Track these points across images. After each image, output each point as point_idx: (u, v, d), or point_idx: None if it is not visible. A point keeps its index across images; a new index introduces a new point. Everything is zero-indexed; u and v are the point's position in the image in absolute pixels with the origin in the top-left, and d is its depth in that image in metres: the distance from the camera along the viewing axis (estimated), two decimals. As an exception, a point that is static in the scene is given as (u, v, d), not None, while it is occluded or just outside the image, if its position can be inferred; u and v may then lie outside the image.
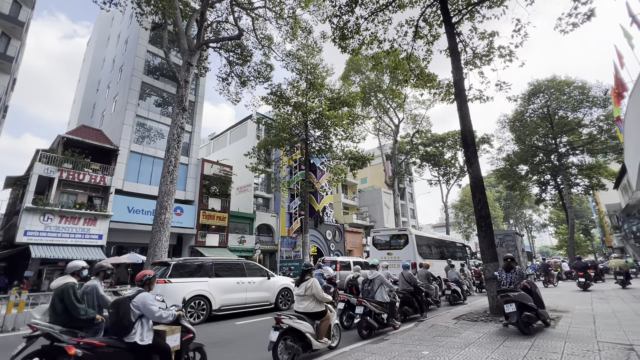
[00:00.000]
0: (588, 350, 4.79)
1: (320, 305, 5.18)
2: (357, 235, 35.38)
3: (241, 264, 10.02)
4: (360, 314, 6.34)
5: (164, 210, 11.36)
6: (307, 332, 4.81)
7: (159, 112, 22.36)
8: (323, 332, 5.09)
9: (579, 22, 9.15)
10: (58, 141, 18.68)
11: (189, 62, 13.43)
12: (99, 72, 31.61)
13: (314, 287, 5.13)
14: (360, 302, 6.45)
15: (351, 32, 12.52)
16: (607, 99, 25.78)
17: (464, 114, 9.52)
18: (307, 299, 5.13)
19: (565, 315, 7.81)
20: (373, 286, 6.92)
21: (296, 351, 4.68)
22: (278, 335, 4.51)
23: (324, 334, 5.12)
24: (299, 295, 5.22)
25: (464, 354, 4.82)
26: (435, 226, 74.79)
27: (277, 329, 4.57)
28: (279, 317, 4.63)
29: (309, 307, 5.08)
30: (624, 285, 14.12)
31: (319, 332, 5.02)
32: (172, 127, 12.46)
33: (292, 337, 4.71)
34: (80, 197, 18.06)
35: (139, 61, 21.69)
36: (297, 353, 4.70)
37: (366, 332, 6.35)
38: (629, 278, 14.50)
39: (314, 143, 21.67)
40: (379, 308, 6.65)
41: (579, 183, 31.42)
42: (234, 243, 23.99)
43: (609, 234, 45.64)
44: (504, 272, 6.84)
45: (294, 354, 4.67)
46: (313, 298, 5.13)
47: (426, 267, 10.33)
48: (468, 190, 50.15)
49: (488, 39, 11.57)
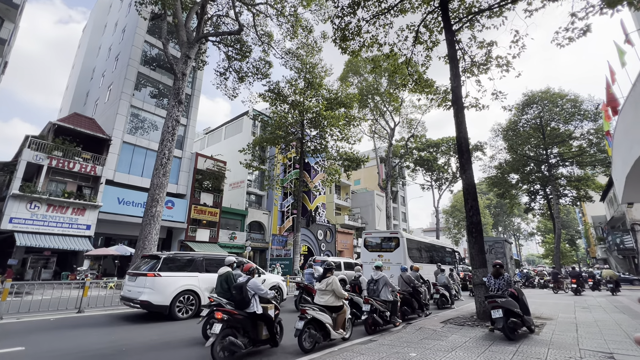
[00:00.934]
0: (570, 357, 4.90)
1: (339, 300, 5.82)
2: (348, 236, 35.50)
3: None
4: (367, 311, 6.78)
5: (155, 203, 11.24)
6: (327, 322, 5.46)
7: (154, 104, 22.09)
8: (340, 323, 5.78)
9: (575, 37, 9.35)
10: (49, 128, 18.31)
11: (187, 55, 13.31)
12: (94, 59, 31.06)
13: (334, 283, 5.75)
14: (368, 300, 6.90)
15: (352, 34, 12.55)
16: (598, 113, 26.38)
17: (460, 120, 9.64)
18: (327, 293, 5.75)
19: (549, 323, 7.97)
20: (378, 286, 7.37)
21: (317, 339, 5.34)
22: (303, 325, 5.14)
23: (340, 326, 5.80)
24: (321, 290, 5.84)
25: (450, 357, 4.89)
26: (425, 230, 75.48)
27: (302, 318, 5.20)
28: (304, 309, 5.33)
29: (329, 301, 5.70)
30: (614, 292, 16.02)
31: (336, 323, 5.69)
32: (167, 119, 12.33)
33: (314, 326, 5.37)
34: (69, 186, 17.74)
35: (135, 51, 21.39)
36: (318, 341, 5.36)
37: (372, 328, 6.81)
38: (619, 286, 16.50)
39: (309, 142, 21.68)
40: (383, 306, 7.10)
41: (567, 194, 32.09)
42: (225, 239, 23.84)
43: (593, 245, 46.71)
44: (493, 278, 6.95)
45: (315, 341, 5.33)
46: (333, 293, 5.74)
47: (416, 270, 10.46)
48: (459, 196, 50.81)
49: (486, 48, 11.73)
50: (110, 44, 26.81)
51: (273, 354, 5.23)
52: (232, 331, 4.79)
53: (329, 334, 5.49)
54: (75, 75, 34.14)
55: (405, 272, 9.32)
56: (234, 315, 4.86)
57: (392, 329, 7.28)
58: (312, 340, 5.30)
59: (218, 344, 4.56)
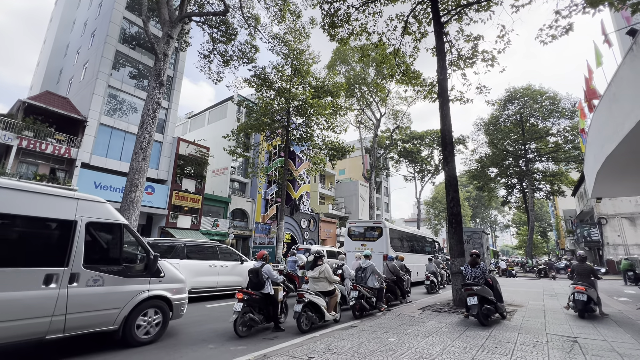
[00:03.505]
0: (538, 341, 5.20)
1: (331, 285, 6.45)
2: (331, 225, 35.82)
3: (214, 247, 9.87)
4: (355, 297, 7.19)
5: (135, 188, 10.89)
6: (322, 305, 6.08)
7: (133, 85, 21.14)
8: (332, 306, 6.41)
9: (557, 35, 9.54)
10: (18, 106, 17.25)
11: (169, 34, 12.73)
12: (67, 35, 29.23)
13: (326, 271, 6.37)
14: (356, 287, 7.32)
15: (341, 21, 12.35)
16: (574, 111, 27.41)
17: (445, 113, 9.76)
18: (320, 280, 6.35)
19: (520, 310, 8.41)
20: (366, 274, 7.80)
21: (314, 320, 5.95)
22: (301, 307, 5.71)
23: (332, 308, 6.44)
24: (314, 277, 6.37)
25: (427, 342, 5.08)
26: (407, 221, 77.19)
27: (300, 302, 5.75)
28: (301, 293, 5.89)
29: (323, 287, 6.32)
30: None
31: (329, 306, 6.32)
32: (148, 101, 11.84)
33: (311, 309, 5.95)
34: (41, 169, 16.89)
35: (113, 27, 20.27)
36: (314, 322, 5.97)
37: (359, 313, 7.29)
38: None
39: (295, 130, 21.45)
40: (370, 293, 7.59)
41: (542, 188, 33.52)
42: (207, 226, 23.54)
43: (563, 237, 49.27)
44: (470, 267, 7.21)
45: (311, 322, 5.92)
46: (325, 279, 6.34)
47: (401, 259, 11.03)
48: (440, 188, 52.08)
49: (473, 42, 11.83)
50: (85, 18, 25.26)
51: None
52: (250, 309, 5.56)
53: (324, 315, 6.11)
54: (47, 50, 32.09)
55: (391, 261, 9.75)
56: (252, 296, 5.62)
57: (377, 313, 7.74)
58: (309, 321, 5.88)
59: (239, 319, 5.36)
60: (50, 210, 4.08)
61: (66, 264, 4.04)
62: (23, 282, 3.71)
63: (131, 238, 4.96)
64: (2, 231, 3.81)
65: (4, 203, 3.74)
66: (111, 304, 4.43)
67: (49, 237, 4.15)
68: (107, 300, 4.38)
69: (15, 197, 3.84)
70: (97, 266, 4.34)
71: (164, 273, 5.19)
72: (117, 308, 4.49)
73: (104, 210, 4.66)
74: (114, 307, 4.46)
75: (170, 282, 5.29)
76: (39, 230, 4.10)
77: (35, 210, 3.96)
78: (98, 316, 4.30)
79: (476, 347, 4.83)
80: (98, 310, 4.29)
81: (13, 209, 3.79)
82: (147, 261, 4.98)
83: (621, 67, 6.56)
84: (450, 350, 4.63)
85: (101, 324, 4.36)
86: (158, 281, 5.07)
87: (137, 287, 4.77)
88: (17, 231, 3.93)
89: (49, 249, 4.08)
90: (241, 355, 4.45)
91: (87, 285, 4.21)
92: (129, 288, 4.65)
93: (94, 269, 4.30)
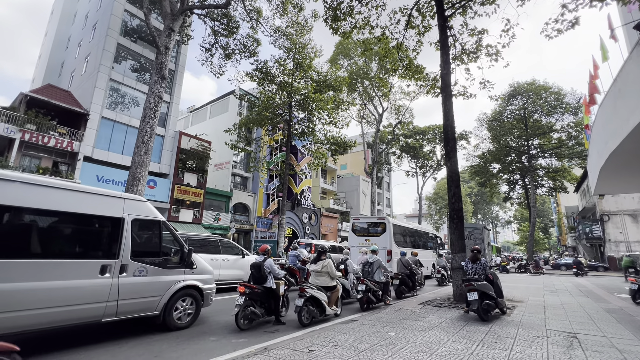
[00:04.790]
0: (537, 337, 5.22)
1: (333, 281, 6.53)
2: (332, 220, 35.89)
3: (216, 241, 9.93)
4: (363, 290, 7.42)
5: (137, 182, 10.92)
6: (323, 300, 6.14)
7: (135, 78, 21.08)
8: (333, 301, 6.47)
9: (563, 29, 9.41)
10: (20, 99, 17.25)
11: (170, 27, 12.64)
12: (69, 27, 29.10)
13: (329, 266, 6.45)
14: (363, 281, 7.56)
15: (344, 14, 12.21)
16: (578, 106, 27.14)
17: (448, 108, 9.69)
18: (323, 274, 6.44)
19: (520, 305, 8.43)
20: (373, 268, 8.10)
21: (315, 314, 6.04)
22: (303, 302, 5.76)
23: (333, 303, 6.50)
24: (316, 271, 6.48)
25: (427, 336, 5.11)
26: (408, 216, 77.26)
27: (302, 296, 5.81)
28: (303, 287, 5.90)
29: (325, 282, 6.40)
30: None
31: (330, 300, 6.38)
32: (149, 95, 11.82)
33: (312, 303, 6.01)
34: (44, 162, 16.96)
35: (115, 20, 20.15)
36: (315, 316, 6.06)
37: (366, 305, 7.56)
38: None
39: (297, 125, 21.39)
40: (376, 286, 7.90)
41: (544, 184, 33.33)
42: (209, 220, 23.64)
43: (564, 234, 49.18)
44: (470, 262, 7.22)
45: (312, 316, 6.00)
46: (327, 274, 6.43)
47: (414, 255, 11.74)
48: (442, 183, 51.93)
49: (477, 36, 11.69)
50: (86, 11, 25.11)
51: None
52: (251, 302, 5.67)
53: (325, 310, 6.17)
54: (48, 43, 31.98)
55: (404, 256, 10.40)
56: (253, 290, 5.71)
57: (383, 306, 8.05)
58: (310, 315, 5.97)
59: (241, 312, 5.46)
60: (103, 209, 4.63)
61: (117, 256, 4.61)
62: (84, 271, 4.27)
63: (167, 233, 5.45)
64: (68, 227, 4.41)
65: (68, 203, 4.26)
66: (154, 292, 4.99)
67: (103, 232, 4.69)
68: (150, 288, 4.95)
69: (76, 197, 4.38)
70: (141, 258, 4.89)
71: (196, 265, 5.70)
72: (158, 296, 5.04)
73: (145, 208, 5.17)
74: (156, 294, 5.02)
75: (201, 273, 5.80)
76: (95, 227, 4.65)
77: (92, 209, 4.51)
78: (144, 302, 4.86)
79: (476, 341, 4.86)
80: (143, 297, 4.86)
81: (76, 208, 4.34)
82: (182, 254, 5.50)
83: (627, 62, 6.47)
84: (450, 345, 4.65)
85: (146, 309, 4.93)
86: (191, 272, 5.59)
87: (174, 277, 5.31)
88: (79, 228, 4.49)
89: (103, 243, 4.63)
90: (242, 348, 4.49)
91: (134, 275, 4.76)
92: (167, 278, 5.20)
93: (139, 260, 4.85)
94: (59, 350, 4.22)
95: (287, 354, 4.13)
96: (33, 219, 4.08)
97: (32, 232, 4.06)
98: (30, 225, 4.07)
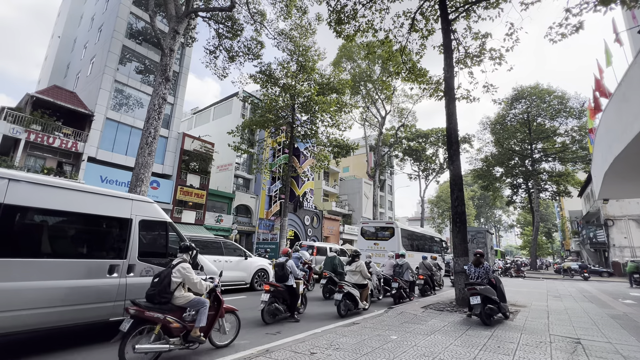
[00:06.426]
0: (541, 342, 5.18)
1: (364, 280, 7.60)
2: (334, 222, 35.83)
3: (219, 242, 9.96)
4: (396, 287, 9.16)
5: (140, 183, 10.98)
6: (357, 295, 7.20)
7: (139, 80, 21.25)
8: (364, 297, 7.58)
9: (567, 33, 9.40)
10: (26, 100, 17.43)
11: (175, 30, 12.75)
12: (75, 29, 29.41)
13: (362, 266, 7.57)
14: (396, 279, 9.26)
15: (348, 17, 12.27)
16: (582, 110, 27.02)
17: (451, 112, 9.69)
18: (356, 274, 7.55)
19: (523, 310, 8.37)
20: (402, 269, 9.70)
21: (350, 307, 7.09)
22: (341, 296, 6.87)
23: (364, 299, 7.61)
24: (351, 270, 7.61)
25: (429, 340, 5.09)
26: (410, 219, 76.98)
27: (340, 292, 6.93)
28: (341, 285, 7.05)
29: (358, 280, 7.50)
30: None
31: (361, 297, 7.46)
32: (154, 96, 11.90)
33: (348, 298, 7.05)
34: (49, 162, 17.10)
35: (120, 22, 20.35)
36: (350, 309, 7.11)
37: (398, 300, 9.17)
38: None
39: (299, 127, 21.44)
40: (406, 285, 9.51)
41: (548, 188, 33.15)
42: (211, 221, 23.69)
43: (568, 238, 48.80)
44: (473, 266, 7.18)
45: (348, 309, 7.04)
46: (360, 274, 7.51)
47: (434, 259, 12.97)
48: (445, 187, 51.77)
49: (481, 39, 11.70)
50: (93, 13, 25.38)
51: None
52: (275, 299, 6.28)
53: (357, 304, 7.20)
54: (54, 45, 32.31)
55: (425, 259, 11.68)
56: (277, 288, 6.33)
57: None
58: (346, 308, 6.96)
59: (267, 308, 6.09)
60: (112, 210, 4.67)
61: (125, 257, 4.67)
62: (94, 271, 4.32)
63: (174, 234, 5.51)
64: (78, 228, 4.47)
65: (78, 203, 4.30)
66: None
67: (111, 233, 4.76)
68: None
69: (85, 198, 4.42)
70: (148, 259, 4.95)
71: (202, 266, 5.83)
72: None
73: (152, 210, 5.22)
74: None
75: (207, 274, 5.80)
76: (103, 228, 4.71)
77: (101, 209, 4.56)
78: None
79: (478, 346, 4.83)
80: None
81: (86, 209, 4.38)
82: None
83: (632, 66, 6.45)
84: (452, 349, 4.63)
85: None
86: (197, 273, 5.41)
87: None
88: (88, 228, 4.56)
89: (112, 243, 4.69)
90: (244, 350, 4.50)
91: (141, 275, 4.81)
92: None
93: (146, 261, 4.91)
94: (59, 350, 4.24)
95: (289, 356, 4.12)
96: (45, 219, 4.15)
97: (44, 233, 4.13)
98: (42, 226, 4.13)
